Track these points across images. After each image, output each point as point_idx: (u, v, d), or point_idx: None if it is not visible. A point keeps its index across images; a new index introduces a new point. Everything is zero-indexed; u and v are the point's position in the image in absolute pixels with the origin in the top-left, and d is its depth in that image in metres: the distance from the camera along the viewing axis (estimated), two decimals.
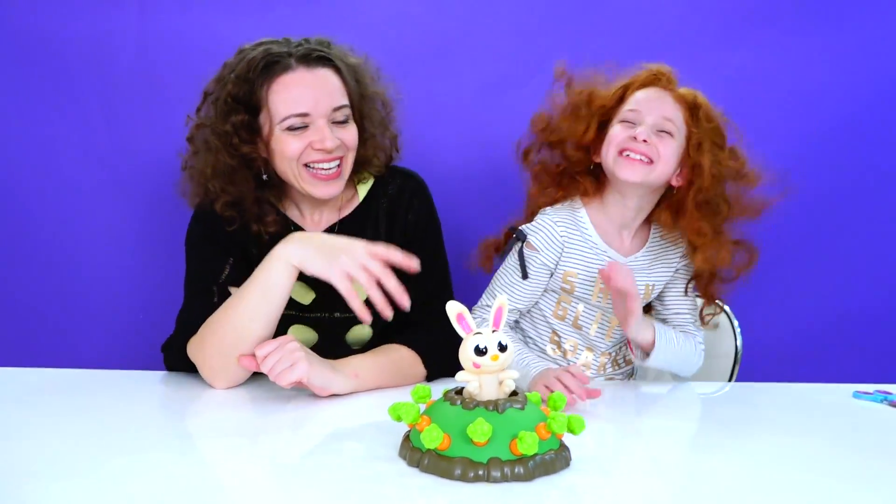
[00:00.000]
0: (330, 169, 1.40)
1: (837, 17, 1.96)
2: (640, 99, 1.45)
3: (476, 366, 0.99)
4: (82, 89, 1.88)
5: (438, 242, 1.54)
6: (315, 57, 1.39)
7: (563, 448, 1.01)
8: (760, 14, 1.95)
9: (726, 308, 1.74)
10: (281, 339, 1.28)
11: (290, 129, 1.37)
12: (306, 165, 1.39)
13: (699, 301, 1.61)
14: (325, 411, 1.26)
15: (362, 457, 1.04)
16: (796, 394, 1.45)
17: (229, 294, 1.39)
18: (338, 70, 1.41)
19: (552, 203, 1.55)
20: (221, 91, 1.40)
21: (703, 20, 1.95)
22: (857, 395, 1.40)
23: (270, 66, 1.37)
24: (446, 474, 0.94)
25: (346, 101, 1.41)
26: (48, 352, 1.91)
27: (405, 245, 1.47)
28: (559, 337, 1.57)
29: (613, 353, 1.60)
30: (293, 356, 1.24)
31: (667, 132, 1.43)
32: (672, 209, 1.50)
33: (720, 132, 1.46)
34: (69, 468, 0.97)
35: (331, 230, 1.50)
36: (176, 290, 1.47)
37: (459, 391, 1.03)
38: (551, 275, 1.52)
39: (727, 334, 1.74)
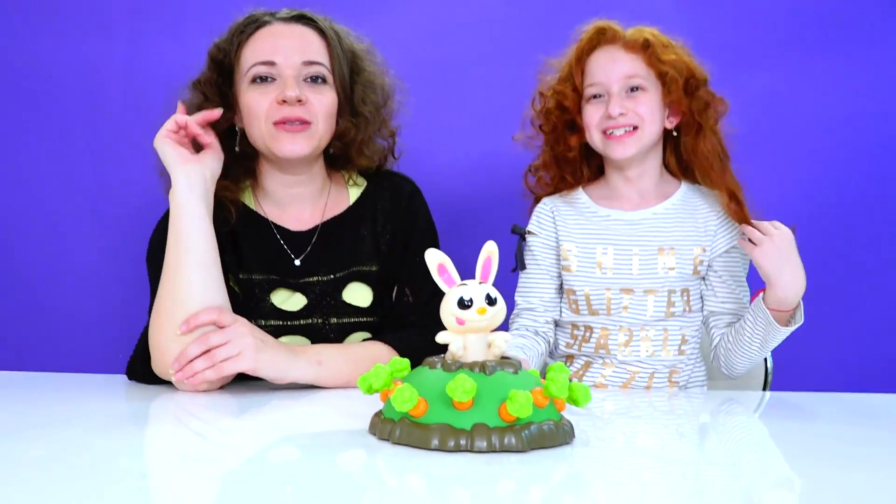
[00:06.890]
0: (295, 123, 1.27)
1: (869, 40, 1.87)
2: (595, 68, 1.36)
3: (460, 322, 0.84)
4: (68, 115, 1.88)
5: (436, 246, 1.41)
6: (295, 16, 1.32)
7: (564, 421, 0.84)
8: (793, 36, 1.86)
9: None
10: (235, 321, 1.13)
11: (255, 80, 1.28)
12: (275, 125, 1.27)
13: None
14: (283, 410, 1.08)
15: (324, 433, 0.88)
16: (839, 402, 1.27)
17: None
18: (320, 31, 1.32)
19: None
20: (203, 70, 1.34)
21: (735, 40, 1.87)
22: None
23: (248, 25, 1.31)
24: (422, 444, 0.78)
25: (322, 60, 1.30)
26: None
27: (403, 249, 1.39)
28: (582, 330, 1.40)
29: (652, 330, 1.36)
30: (241, 342, 1.09)
31: (637, 88, 1.34)
32: (675, 150, 1.41)
33: (681, 59, 1.35)
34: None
35: (313, 232, 1.37)
36: None
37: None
38: (557, 257, 1.41)
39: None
